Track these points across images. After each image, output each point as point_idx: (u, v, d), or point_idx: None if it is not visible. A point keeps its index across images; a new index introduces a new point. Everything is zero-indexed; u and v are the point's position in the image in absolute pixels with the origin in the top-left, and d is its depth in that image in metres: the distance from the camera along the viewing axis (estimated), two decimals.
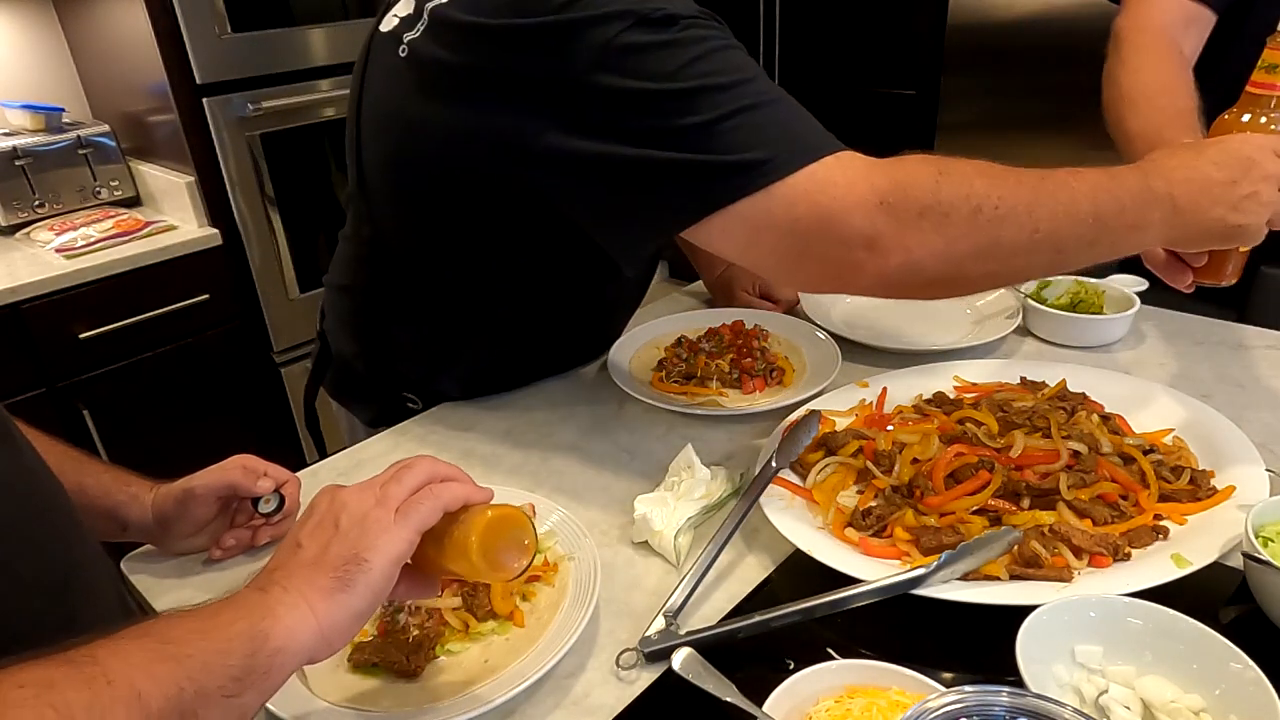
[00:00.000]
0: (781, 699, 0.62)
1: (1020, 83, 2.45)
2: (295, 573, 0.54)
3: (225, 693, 0.47)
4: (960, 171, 0.75)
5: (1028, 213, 0.73)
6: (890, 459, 0.90)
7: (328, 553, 0.55)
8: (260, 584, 0.54)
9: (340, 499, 0.58)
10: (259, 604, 0.51)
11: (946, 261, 0.73)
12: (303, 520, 0.59)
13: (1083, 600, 0.67)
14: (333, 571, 0.54)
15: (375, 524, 0.56)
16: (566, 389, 1.20)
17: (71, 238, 2.04)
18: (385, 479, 0.60)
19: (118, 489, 0.83)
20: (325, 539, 0.56)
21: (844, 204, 0.73)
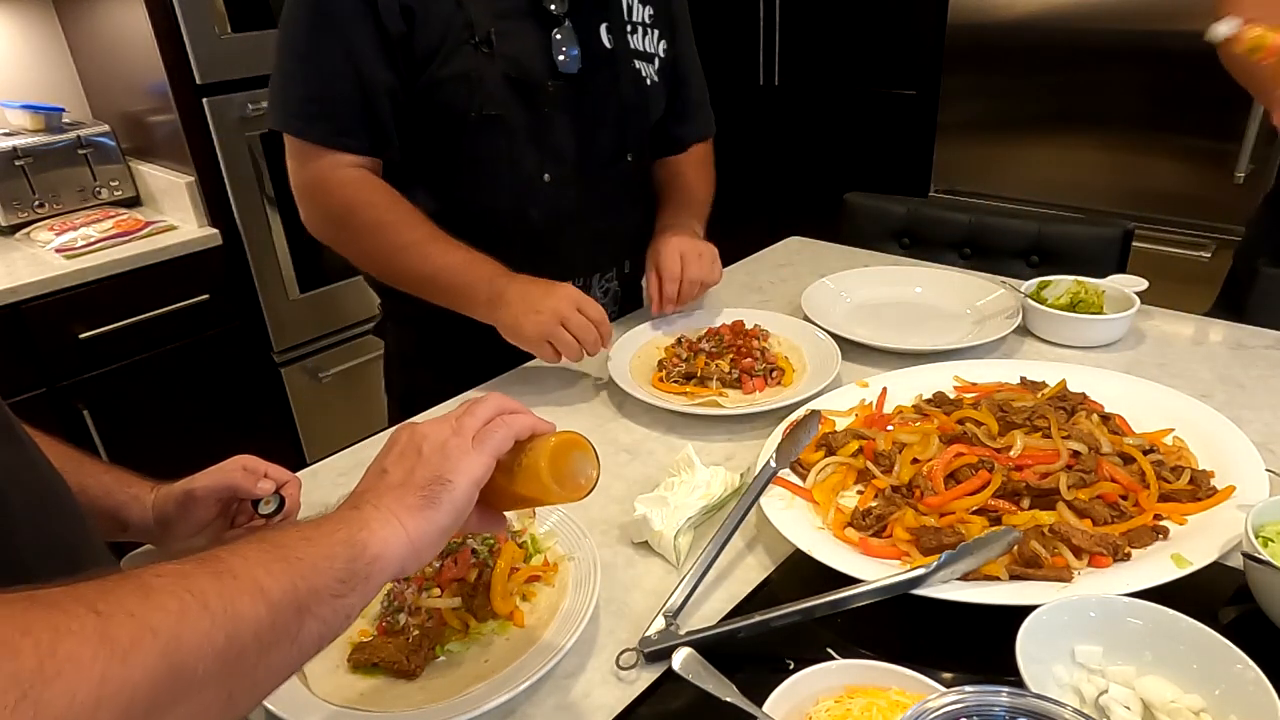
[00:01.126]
0: (781, 699, 0.62)
1: (1020, 83, 2.45)
2: (385, 494, 0.58)
3: (332, 592, 0.51)
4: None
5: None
6: (890, 459, 0.90)
7: (413, 475, 0.59)
8: (353, 503, 0.58)
9: (420, 431, 0.62)
10: (355, 519, 0.55)
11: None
12: (385, 451, 0.62)
13: (1083, 600, 0.67)
14: (420, 491, 0.58)
15: (456, 449, 0.60)
16: (566, 389, 1.20)
17: (71, 238, 2.04)
18: (460, 413, 0.64)
19: (119, 489, 0.83)
20: (410, 464, 0.60)
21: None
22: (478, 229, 1.18)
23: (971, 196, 2.62)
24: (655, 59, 1.26)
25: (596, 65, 1.18)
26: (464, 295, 1.13)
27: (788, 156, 3.26)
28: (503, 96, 1.13)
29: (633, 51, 1.22)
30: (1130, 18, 2.20)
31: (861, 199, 1.86)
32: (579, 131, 1.20)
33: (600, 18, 1.18)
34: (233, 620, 0.45)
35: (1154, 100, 2.23)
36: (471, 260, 1.13)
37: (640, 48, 1.24)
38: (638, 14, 1.23)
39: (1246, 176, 2.09)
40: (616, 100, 1.22)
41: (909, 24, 2.74)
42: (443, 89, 1.11)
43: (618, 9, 1.20)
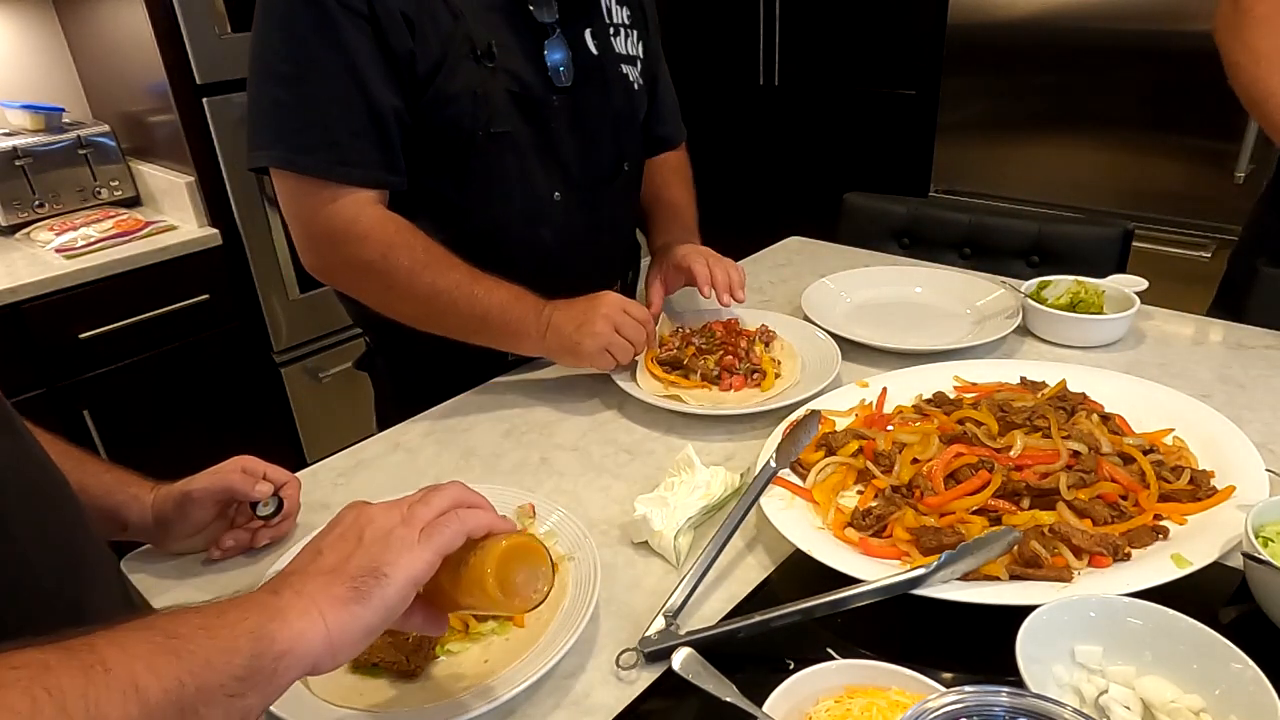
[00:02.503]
0: (781, 699, 0.62)
1: (1020, 83, 2.45)
2: (312, 579, 0.53)
3: (227, 691, 0.46)
4: None
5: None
6: (890, 459, 0.90)
7: (348, 563, 0.54)
8: (273, 586, 0.53)
9: (367, 514, 0.58)
10: (269, 605, 0.51)
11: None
12: (327, 530, 0.59)
13: (1083, 600, 0.67)
14: (350, 581, 0.53)
15: (399, 540, 0.56)
16: (566, 389, 1.20)
17: (71, 238, 2.05)
18: (414, 500, 0.60)
19: (119, 489, 0.83)
20: (347, 550, 0.55)
21: None
22: (486, 254, 1.12)
23: (971, 196, 2.62)
24: (637, 61, 1.23)
25: (587, 75, 1.14)
26: (517, 332, 1.09)
27: (788, 156, 3.26)
28: (508, 112, 1.08)
29: (618, 56, 1.18)
30: (1130, 18, 2.20)
31: (861, 199, 1.86)
32: (580, 145, 1.16)
33: (584, 23, 1.14)
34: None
35: (1154, 100, 2.23)
36: (516, 296, 1.09)
37: (624, 51, 1.20)
38: (617, 15, 1.19)
39: (1246, 176, 2.09)
40: (609, 109, 1.18)
41: (909, 24, 2.74)
42: (449, 106, 1.04)
43: (599, 13, 1.16)
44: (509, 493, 0.90)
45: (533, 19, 1.08)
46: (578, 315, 1.09)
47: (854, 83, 2.97)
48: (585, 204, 1.20)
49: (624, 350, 1.10)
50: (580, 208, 1.20)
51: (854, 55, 2.94)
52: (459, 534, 0.58)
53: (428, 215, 1.12)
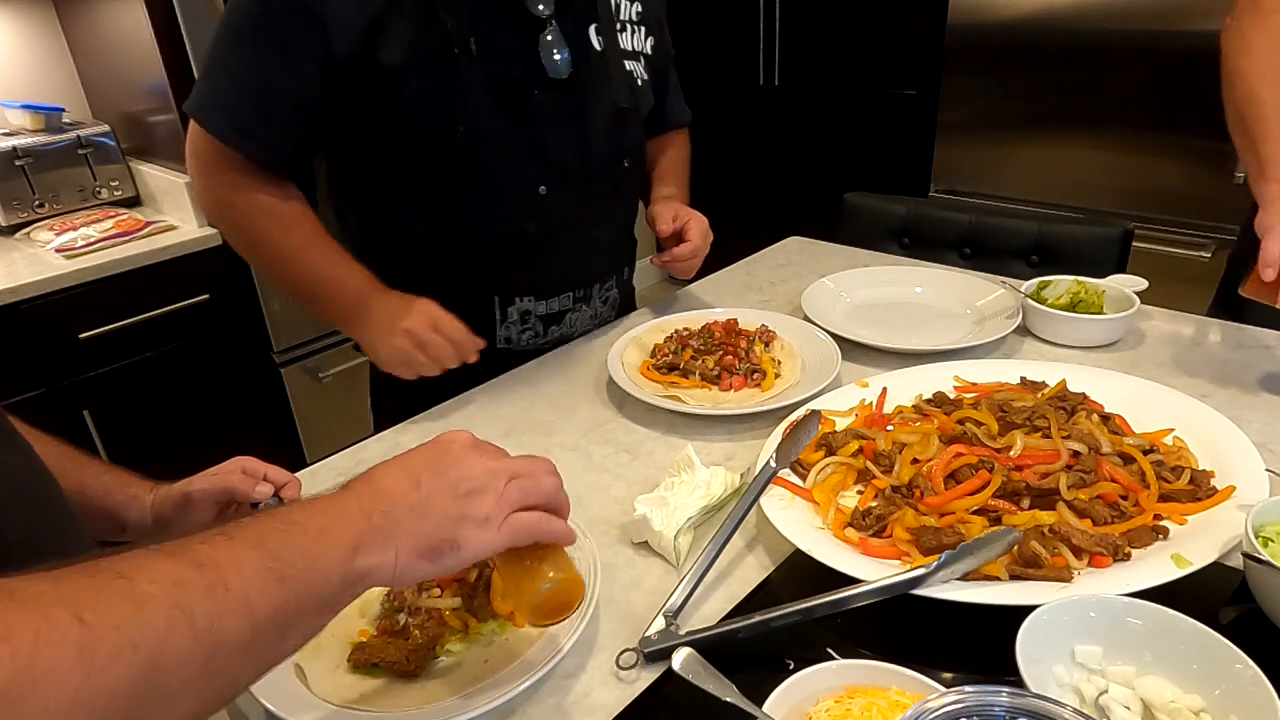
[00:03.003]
0: (781, 699, 0.62)
1: (1020, 83, 2.45)
2: (400, 521, 0.57)
3: (316, 610, 0.53)
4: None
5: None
6: (890, 459, 0.90)
7: (434, 516, 0.58)
8: (366, 505, 0.57)
9: (469, 467, 0.61)
10: (361, 530, 0.55)
11: None
12: (433, 451, 0.62)
13: (1083, 600, 0.67)
14: (430, 540, 0.57)
15: (486, 519, 0.60)
16: (567, 389, 1.20)
17: (71, 238, 2.04)
18: (516, 471, 0.63)
19: (118, 490, 0.83)
20: (442, 501, 0.59)
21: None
22: (470, 247, 1.16)
23: (971, 196, 2.62)
24: (642, 57, 1.23)
25: (587, 68, 1.14)
26: (333, 312, 1.13)
27: (788, 156, 3.26)
28: (488, 108, 1.08)
29: (623, 51, 1.19)
30: (1130, 18, 2.20)
31: (861, 199, 1.86)
32: (574, 139, 1.16)
33: (589, 18, 1.14)
34: (216, 641, 0.46)
35: (1154, 100, 2.24)
36: (346, 274, 1.12)
37: (629, 47, 1.20)
38: (626, 12, 1.20)
39: (1246, 176, 2.08)
40: (609, 103, 1.18)
41: (909, 24, 2.75)
42: (418, 105, 1.06)
43: (606, 8, 1.16)
44: None
45: (527, 12, 1.08)
46: (388, 317, 1.09)
47: (854, 83, 2.97)
48: (576, 197, 1.20)
49: (425, 367, 1.08)
50: (570, 200, 1.19)
51: (854, 55, 2.94)
52: (533, 536, 0.63)
53: (413, 209, 1.15)
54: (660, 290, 3.82)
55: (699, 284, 1.54)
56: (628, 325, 1.33)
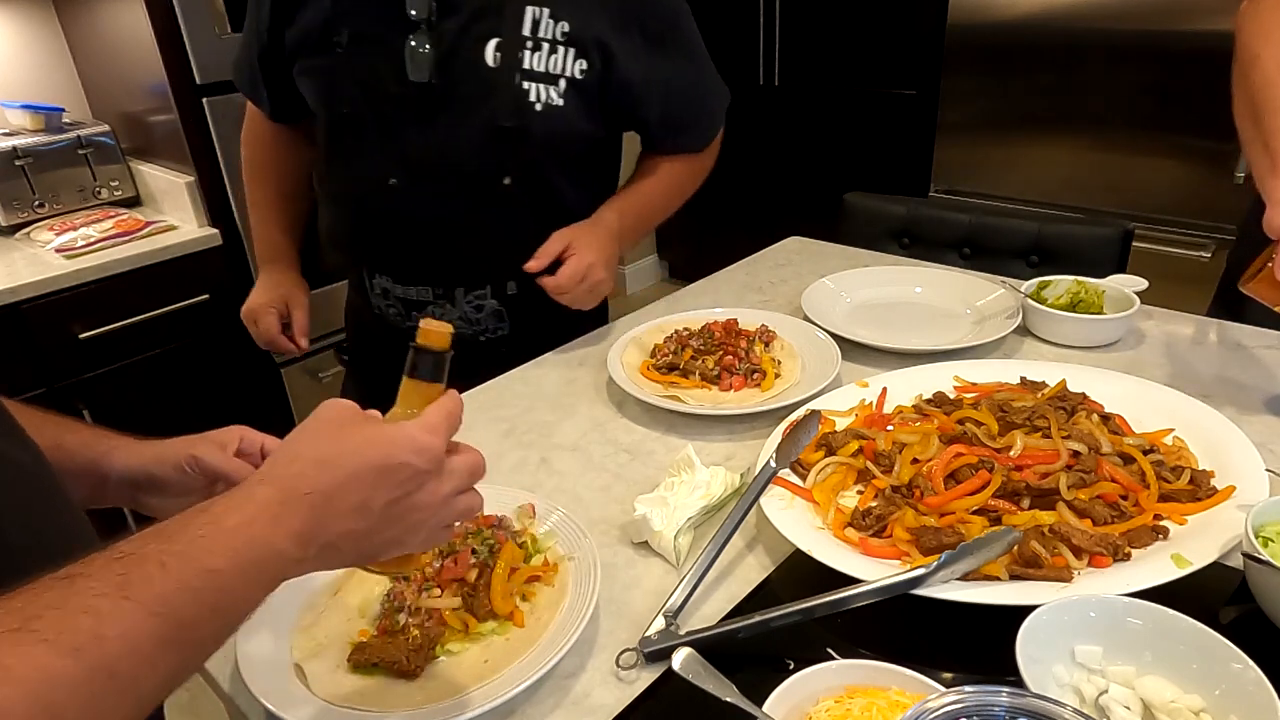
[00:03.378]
0: (781, 699, 0.62)
1: (1020, 83, 2.45)
2: (339, 549, 0.53)
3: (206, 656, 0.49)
4: None
5: None
6: (890, 459, 0.90)
7: (372, 542, 0.55)
8: (307, 534, 0.51)
9: (429, 498, 0.56)
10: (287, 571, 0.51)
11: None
12: (394, 472, 0.54)
13: (1083, 600, 0.67)
14: (355, 557, 0.55)
15: (425, 540, 0.58)
16: (567, 389, 1.20)
17: (71, 238, 2.04)
18: (460, 500, 0.59)
19: (96, 442, 0.78)
20: (387, 532, 0.55)
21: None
22: (341, 214, 1.32)
23: (971, 196, 2.62)
24: (563, 80, 1.16)
25: (464, 78, 1.13)
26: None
27: (788, 156, 3.26)
28: (354, 97, 1.17)
29: (526, 72, 1.14)
30: (1130, 18, 2.20)
31: (861, 199, 1.86)
32: (435, 143, 1.16)
33: (489, 33, 1.12)
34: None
35: (1154, 100, 2.24)
36: (262, 236, 1.44)
37: (538, 68, 1.14)
38: (546, 30, 1.14)
39: (1246, 176, 2.08)
40: (488, 118, 1.15)
41: (909, 24, 2.75)
42: (304, 83, 1.22)
43: (513, 25, 1.13)
44: (509, 493, 0.90)
45: (404, 13, 1.11)
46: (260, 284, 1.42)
47: (854, 83, 2.97)
48: (434, 198, 1.20)
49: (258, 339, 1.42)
50: (427, 200, 1.20)
51: (854, 55, 2.94)
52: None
53: (317, 168, 1.35)
54: (660, 290, 3.83)
55: (699, 284, 1.54)
56: (627, 325, 1.33)
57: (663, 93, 1.25)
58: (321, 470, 0.53)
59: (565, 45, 1.15)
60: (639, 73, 1.20)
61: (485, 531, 0.81)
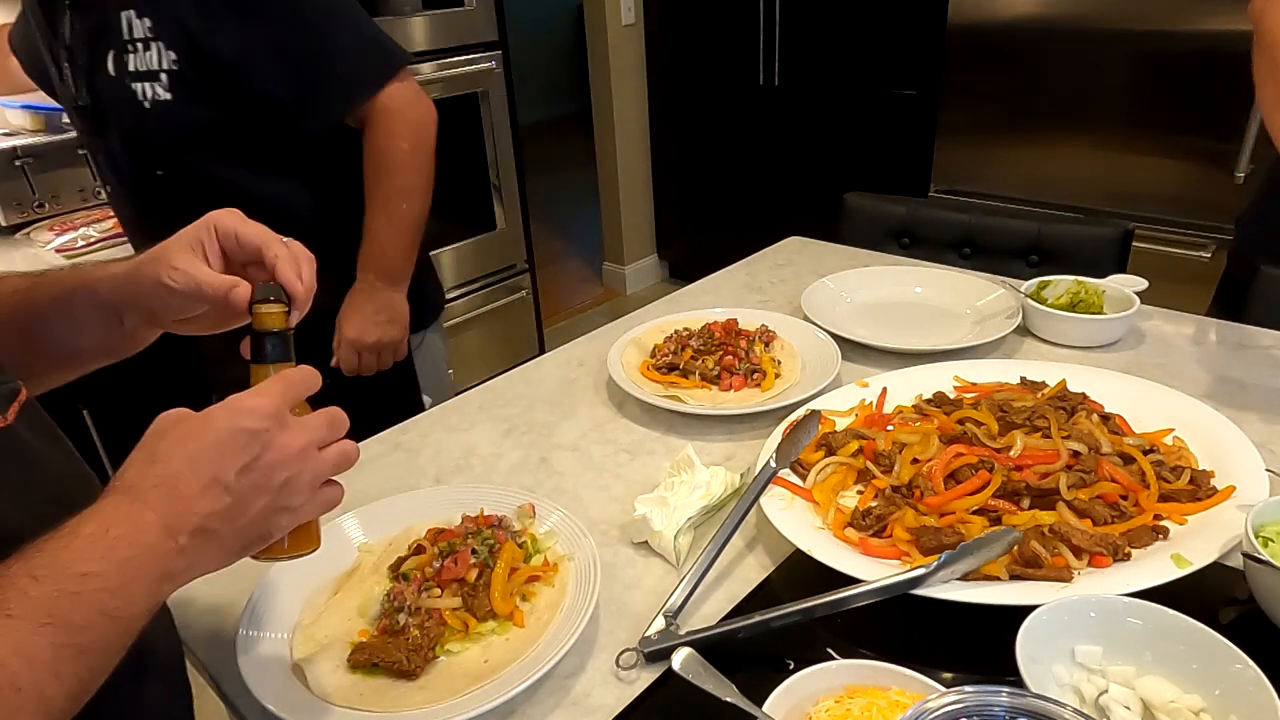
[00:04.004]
0: (781, 699, 0.62)
1: (1020, 83, 2.45)
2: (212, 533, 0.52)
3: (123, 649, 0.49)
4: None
5: None
6: (890, 459, 0.90)
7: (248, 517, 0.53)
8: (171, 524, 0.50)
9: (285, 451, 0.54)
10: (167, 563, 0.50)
11: None
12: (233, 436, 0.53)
13: (1083, 600, 0.67)
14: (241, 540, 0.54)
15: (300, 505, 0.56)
16: (567, 389, 1.20)
17: (71, 238, 2.04)
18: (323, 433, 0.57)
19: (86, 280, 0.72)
20: (257, 500, 0.53)
21: None
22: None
23: (971, 196, 2.62)
24: (164, 74, 1.17)
25: (102, 92, 1.22)
26: None
27: (788, 156, 3.26)
28: (72, 116, 1.30)
29: (131, 74, 1.18)
30: (1130, 18, 2.20)
31: (861, 199, 1.86)
32: (108, 153, 1.29)
33: (105, 46, 1.18)
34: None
35: (1154, 100, 2.24)
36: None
37: (141, 67, 1.17)
38: (137, 30, 1.16)
39: (1246, 176, 2.09)
40: (119, 124, 1.24)
41: (909, 24, 2.75)
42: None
43: (117, 35, 1.17)
44: (509, 493, 0.90)
45: (51, 47, 1.23)
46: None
47: (854, 83, 2.97)
48: (130, 199, 1.33)
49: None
50: (129, 203, 1.34)
51: (854, 55, 2.94)
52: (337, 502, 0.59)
53: None
54: (660, 290, 3.82)
55: (699, 284, 1.54)
56: (627, 325, 1.33)
57: (275, 61, 1.18)
58: (162, 464, 0.52)
59: (154, 40, 1.17)
60: (231, 47, 1.16)
61: (485, 531, 0.81)
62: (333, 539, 0.86)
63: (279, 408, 0.55)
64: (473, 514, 0.85)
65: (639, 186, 3.87)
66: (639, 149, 3.75)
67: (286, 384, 0.57)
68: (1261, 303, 1.33)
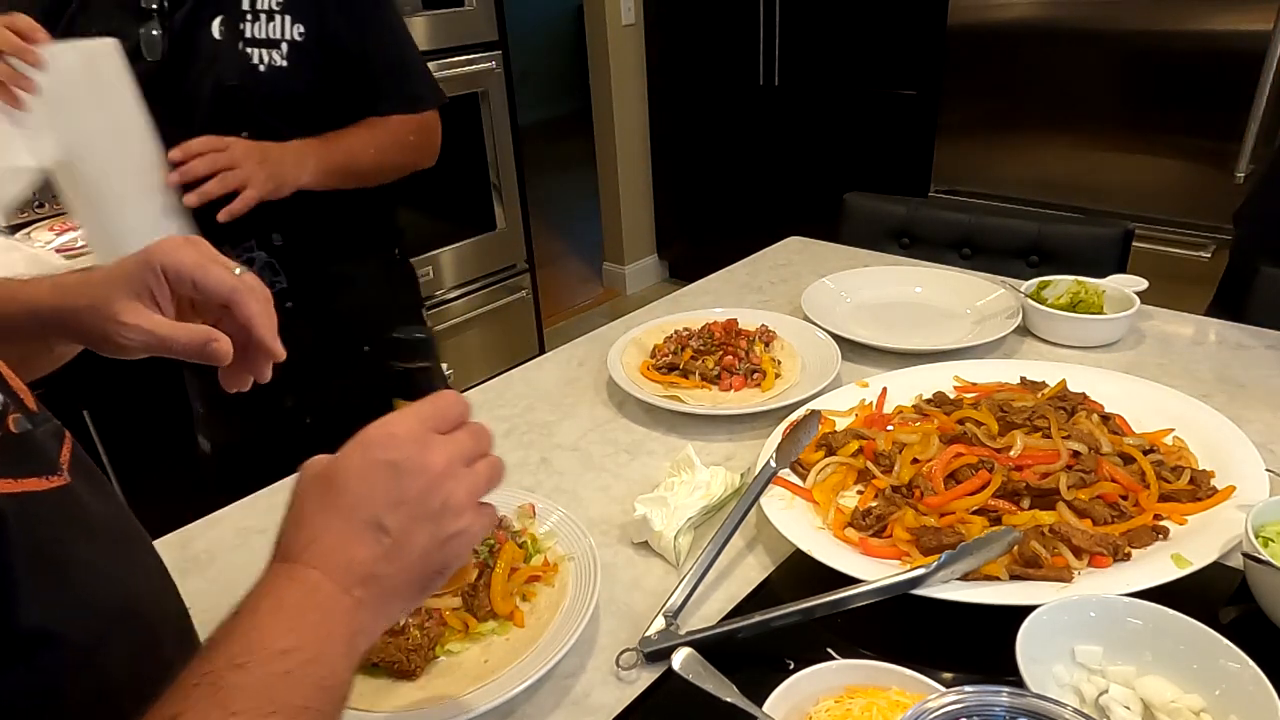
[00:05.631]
0: (781, 699, 0.62)
1: (1020, 83, 2.45)
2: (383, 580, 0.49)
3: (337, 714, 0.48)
4: None
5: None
6: (890, 459, 0.90)
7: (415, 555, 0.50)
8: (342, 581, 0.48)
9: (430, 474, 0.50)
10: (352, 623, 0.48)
11: None
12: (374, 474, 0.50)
13: (1083, 600, 0.67)
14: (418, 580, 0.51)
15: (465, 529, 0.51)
16: (567, 389, 1.20)
17: (72, 238, 2.04)
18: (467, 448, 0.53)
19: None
20: (419, 535, 0.50)
21: None
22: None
23: (971, 196, 2.62)
24: (282, 44, 1.31)
25: (192, 53, 1.27)
26: None
27: (788, 156, 3.26)
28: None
29: (246, 40, 1.29)
30: (1131, 18, 2.20)
31: (861, 199, 1.86)
32: (176, 112, 1.27)
33: (214, 13, 1.27)
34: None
35: (1154, 100, 2.24)
36: None
37: (259, 35, 1.30)
38: (262, 3, 1.30)
39: (1246, 176, 2.09)
40: (215, 81, 1.28)
41: (909, 24, 2.75)
42: None
43: (234, 3, 1.28)
44: (509, 493, 0.90)
45: (139, 6, 1.25)
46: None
47: (854, 83, 2.97)
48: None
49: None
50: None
51: (854, 55, 2.94)
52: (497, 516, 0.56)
53: None
54: (660, 290, 3.83)
55: (699, 284, 1.54)
56: (627, 325, 1.33)
57: (379, 52, 1.39)
58: (309, 523, 0.50)
59: (281, 13, 1.31)
60: (350, 31, 1.35)
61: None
62: None
63: (414, 432, 0.52)
64: None
65: (639, 186, 3.87)
66: (639, 149, 3.75)
67: (421, 411, 0.53)
68: (1261, 303, 1.33)
